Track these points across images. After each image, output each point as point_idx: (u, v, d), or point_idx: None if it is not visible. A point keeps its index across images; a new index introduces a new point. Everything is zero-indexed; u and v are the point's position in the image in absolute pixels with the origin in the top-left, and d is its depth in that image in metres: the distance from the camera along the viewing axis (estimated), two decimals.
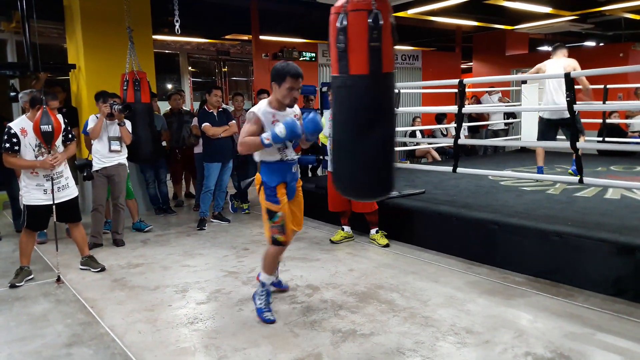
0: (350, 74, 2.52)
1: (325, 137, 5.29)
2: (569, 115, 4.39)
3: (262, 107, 3.14)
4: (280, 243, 3.22)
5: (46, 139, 3.89)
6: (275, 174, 3.20)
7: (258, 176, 3.26)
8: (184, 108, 7.32)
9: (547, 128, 5.75)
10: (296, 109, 3.28)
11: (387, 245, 4.85)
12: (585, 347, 2.83)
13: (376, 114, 2.59)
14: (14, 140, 3.91)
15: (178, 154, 6.99)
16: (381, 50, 2.47)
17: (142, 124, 5.49)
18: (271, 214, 3.19)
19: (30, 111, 4.02)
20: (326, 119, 5.02)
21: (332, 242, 5.06)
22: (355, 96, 2.57)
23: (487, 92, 10.16)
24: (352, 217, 5.14)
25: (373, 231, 5.01)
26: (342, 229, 5.16)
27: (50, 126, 3.85)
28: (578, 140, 4.53)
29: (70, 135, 4.23)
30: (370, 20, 2.43)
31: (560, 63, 5.58)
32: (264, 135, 3.03)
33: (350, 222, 5.18)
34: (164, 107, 8.08)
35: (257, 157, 3.22)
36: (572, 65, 5.49)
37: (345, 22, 2.48)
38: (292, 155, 3.25)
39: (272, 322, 3.19)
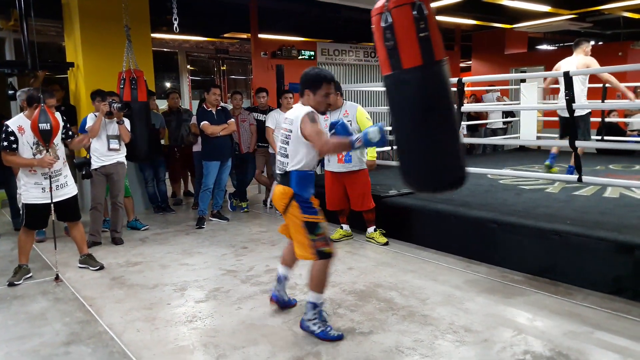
0: (403, 69, 2.53)
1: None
2: (581, 113, 4.37)
3: (310, 108, 2.95)
4: (328, 255, 2.97)
5: (44, 138, 3.88)
6: (309, 185, 3.00)
7: (283, 189, 2.99)
8: (181, 106, 7.30)
9: (562, 126, 5.73)
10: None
11: (386, 244, 4.85)
12: (583, 345, 2.83)
13: (437, 102, 2.59)
14: (12, 138, 3.90)
15: (177, 153, 6.98)
16: (430, 39, 2.49)
17: (139, 122, 5.48)
18: (313, 227, 2.93)
19: (28, 109, 4.01)
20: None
21: (331, 240, 5.04)
22: (413, 89, 2.57)
23: (486, 90, 10.16)
24: (351, 216, 5.14)
25: (370, 229, 5.00)
26: (341, 228, 5.16)
27: (48, 124, 3.84)
28: (577, 139, 4.53)
29: (70, 133, 4.22)
30: (415, 12, 2.45)
31: (574, 61, 5.50)
32: (353, 138, 2.83)
33: (349, 221, 5.18)
34: (163, 105, 8.06)
35: (291, 166, 2.96)
36: (585, 63, 5.41)
37: (390, 20, 2.50)
38: None
39: (341, 337, 2.95)
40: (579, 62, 5.44)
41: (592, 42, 5.53)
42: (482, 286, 3.75)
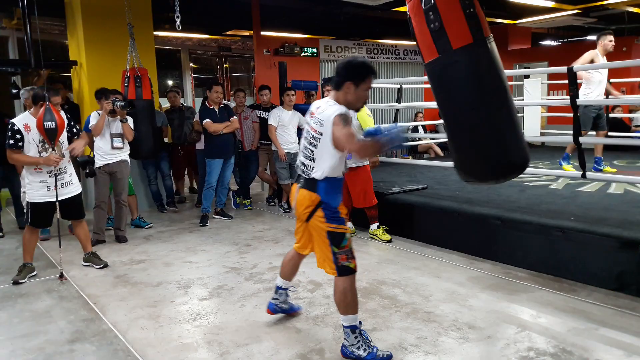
0: (453, 49, 2.34)
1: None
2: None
3: (343, 107, 2.63)
4: (352, 271, 2.68)
5: (50, 136, 3.89)
6: (337, 192, 2.73)
7: (308, 195, 2.70)
8: (183, 104, 7.29)
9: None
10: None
11: (389, 241, 4.84)
12: (588, 342, 2.82)
13: (493, 81, 2.41)
14: (18, 136, 3.91)
15: (180, 150, 6.98)
16: (477, 14, 2.33)
17: (144, 120, 5.48)
18: (339, 238, 2.64)
19: (33, 108, 4.02)
20: None
21: None
22: (466, 70, 2.38)
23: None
24: (354, 213, 5.14)
25: (374, 226, 5.00)
26: None
27: (53, 123, 3.85)
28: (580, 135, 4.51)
29: (75, 130, 4.24)
30: None
31: (586, 56, 5.50)
32: (382, 139, 2.44)
33: (352, 218, 5.18)
34: (165, 104, 8.07)
35: (320, 172, 2.66)
36: (586, 58, 5.41)
37: (432, 0, 2.32)
38: None
39: (390, 356, 2.70)
40: (587, 55, 5.46)
41: (609, 36, 5.41)
42: (485, 283, 3.74)
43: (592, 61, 5.42)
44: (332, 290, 2.59)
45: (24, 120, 3.98)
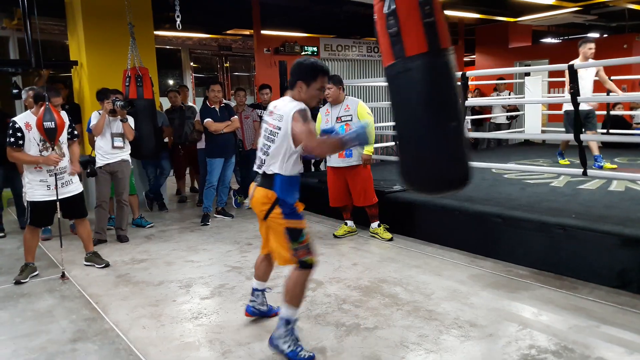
0: (407, 56, 2.36)
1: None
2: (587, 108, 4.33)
3: (301, 104, 2.67)
4: (311, 265, 2.72)
5: (49, 136, 3.89)
6: (295, 189, 2.75)
7: (264, 192, 2.73)
8: (184, 104, 7.29)
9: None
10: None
11: (390, 239, 4.84)
12: (589, 339, 2.82)
13: (442, 93, 2.41)
14: (19, 134, 3.92)
15: (180, 150, 6.99)
16: (437, 25, 2.33)
17: (145, 120, 5.49)
18: (296, 234, 2.69)
19: (35, 107, 4.03)
20: (322, 114, 5.02)
21: (335, 236, 5.05)
22: (417, 78, 2.39)
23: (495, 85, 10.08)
24: (355, 211, 5.14)
25: (374, 224, 5.00)
26: (345, 224, 5.16)
27: (53, 123, 3.86)
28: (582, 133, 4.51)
29: (75, 132, 4.24)
30: None
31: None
32: (345, 137, 2.56)
33: (353, 217, 5.18)
34: (166, 103, 8.07)
35: (277, 169, 2.69)
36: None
37: (393, 6, 2.35)
38: None
39: (313, 358, 2.69)
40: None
41: (589, 44, 5.65)
42: (487, 281, 3.74)
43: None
44: (334, 289, 2.59)
45: (25, 118, 3.99)
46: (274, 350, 2.74)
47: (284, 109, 2.68)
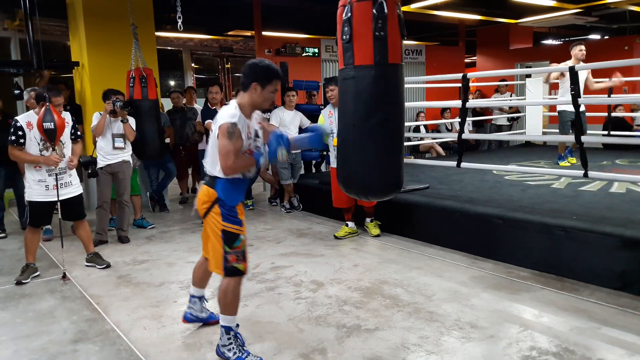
0: (355, 65, 2.46)
1: (327, 134, 5.29)
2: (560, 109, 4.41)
3: (237, 115, 2.59)
4: (241, 272, 2.68)
5: (49, 137, 3.90)
6: (237, 191, 2.72)
7: (207, 190, 2.69)
8: (186, 105, 7.30)
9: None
10: (258, 112, 2.81)
11: (377, 236, 4.93)
12: (590, 341, 2.82)
13: (382, 106, 2.51)
14: (20, 133, 3.93)
15: (182, 151, 6.99)
16: (387, 40, 2.42)
17: (149, 120, 5.49)
18: (232, 238, 2.65)
19: (37, 107, 4.04)
20: (325, 116, 5.02)
21: (336, 237, 5.06)
22: (360, 88, 2.49)
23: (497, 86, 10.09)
24: (356, 213, 5.14)
25: (368, 220, 5.09)
26: (347, 225, 5.16)
27: (52, 124, 3.86)
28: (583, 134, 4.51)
29: (78, 133, 4.24)
30: (374, 10, 2.39)
31: (560, 65, 5.75)
32: (260, 158, 2.64)
33: (354, 218, 5.18)
34: (167, 104, 8.07)
35: (216, 171, 2.65)
36: (559, 67, 5.66)
37: (350, 14, 2.44)
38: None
39: None
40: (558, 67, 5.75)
41: (580, 46, 5.83)
42: (487, 282, 3.74)
43: (562, 72, 5.67)
44: (335, 290, 2.59)
45: (27, 117, 4.01)
46: (222, 358, 2.71)
47: (220, 115, 2.63)
